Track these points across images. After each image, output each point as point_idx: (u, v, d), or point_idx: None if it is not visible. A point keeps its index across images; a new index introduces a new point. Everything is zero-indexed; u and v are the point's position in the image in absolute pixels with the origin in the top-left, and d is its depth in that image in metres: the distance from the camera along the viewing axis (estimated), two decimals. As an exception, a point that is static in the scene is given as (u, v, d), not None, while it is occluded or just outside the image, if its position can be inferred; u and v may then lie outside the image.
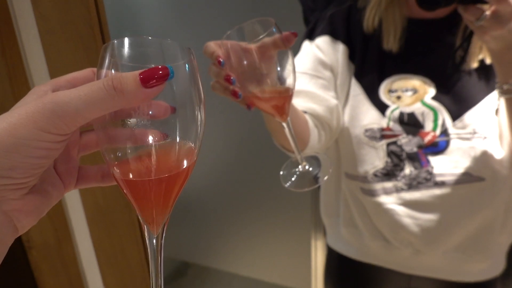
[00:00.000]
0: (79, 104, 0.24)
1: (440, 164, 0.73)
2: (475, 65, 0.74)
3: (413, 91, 0.76)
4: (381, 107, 0.77)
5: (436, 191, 0.73)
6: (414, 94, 0.76)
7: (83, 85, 0.24)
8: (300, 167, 0.60)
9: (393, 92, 0.77)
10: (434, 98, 0.74)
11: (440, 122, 0.73)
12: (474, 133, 0.72)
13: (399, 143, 0.75)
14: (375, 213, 0.79)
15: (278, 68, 0.52)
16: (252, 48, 0.50)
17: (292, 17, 1.30)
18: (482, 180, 0.71)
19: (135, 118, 0.27)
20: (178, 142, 0.28)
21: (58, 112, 0.23)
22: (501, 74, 0.66)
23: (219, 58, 0.50)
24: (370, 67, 0.79)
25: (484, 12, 0.59)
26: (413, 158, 0.74)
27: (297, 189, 0.59)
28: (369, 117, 0.77)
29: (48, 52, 0.71)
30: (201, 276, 2.06)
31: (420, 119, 0.74)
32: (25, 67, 0.70)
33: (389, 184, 0.76)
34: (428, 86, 0.75)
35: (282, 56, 0.52)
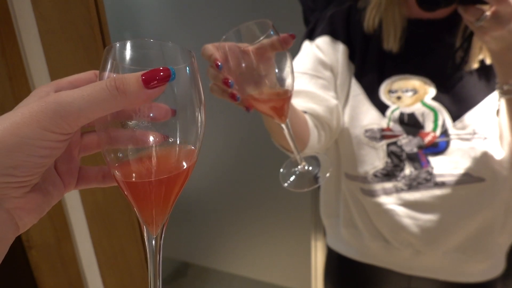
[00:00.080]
0: (82, 104, 0.24)
1: (440, 165, 0.73)
2: (475, 66, 0.74)
3: (413, 92, 0.76)
4: (381, 108, 0.77)
5: (436, 192, 0.73)
6: (414, 95, 0.76)
7: (86, 86, 0.25)
8: (300, 167, 0.60)
9: (393, 93, 0.77)
10: (434, 99, 0.75)
11: (440, 123, 0.73)
12: (474, 134, 0.72)
13: (399, 144, 0.75)
14: (375, 214, 0.79)
15: (276, 70, 0.52)
16: (250, 50, 0.50)
17: (292, 17, 1.30)
18: (482, 181, 0.71)
19: (136, 120, 0.27)
20: (179, 144, 0.28)
21: (61, 112, 0.24)
22: (501, 75, 0.66)
23: (217, 62, 0.50)
24: (370, 67, 0.79)
25: (484, 13, 0.59)
26: (413, 159, 0.74)
27: (297, 189, 0.59)
28: (369, 118, 0.77)
29: (48, 52, 0.71)
30: (201, 277, 2.06)
31: (420, 120, 0.74)
32: (25, 67, 0.70)
33: (389, 185, 0.76)
34: (428, 87, 0.75)
35: (280, 58, 0.52)
